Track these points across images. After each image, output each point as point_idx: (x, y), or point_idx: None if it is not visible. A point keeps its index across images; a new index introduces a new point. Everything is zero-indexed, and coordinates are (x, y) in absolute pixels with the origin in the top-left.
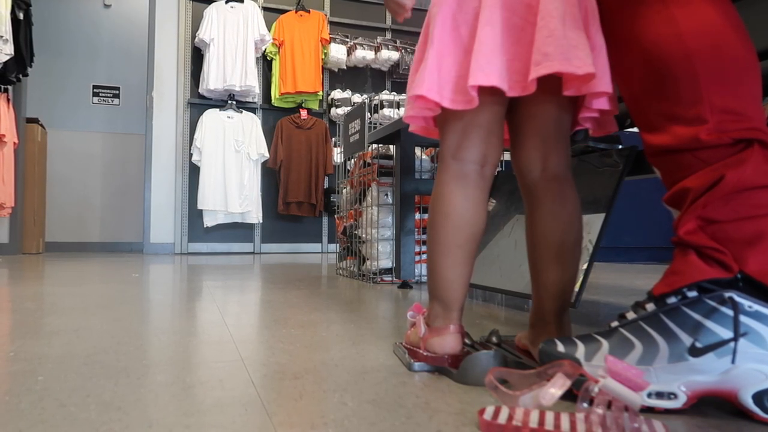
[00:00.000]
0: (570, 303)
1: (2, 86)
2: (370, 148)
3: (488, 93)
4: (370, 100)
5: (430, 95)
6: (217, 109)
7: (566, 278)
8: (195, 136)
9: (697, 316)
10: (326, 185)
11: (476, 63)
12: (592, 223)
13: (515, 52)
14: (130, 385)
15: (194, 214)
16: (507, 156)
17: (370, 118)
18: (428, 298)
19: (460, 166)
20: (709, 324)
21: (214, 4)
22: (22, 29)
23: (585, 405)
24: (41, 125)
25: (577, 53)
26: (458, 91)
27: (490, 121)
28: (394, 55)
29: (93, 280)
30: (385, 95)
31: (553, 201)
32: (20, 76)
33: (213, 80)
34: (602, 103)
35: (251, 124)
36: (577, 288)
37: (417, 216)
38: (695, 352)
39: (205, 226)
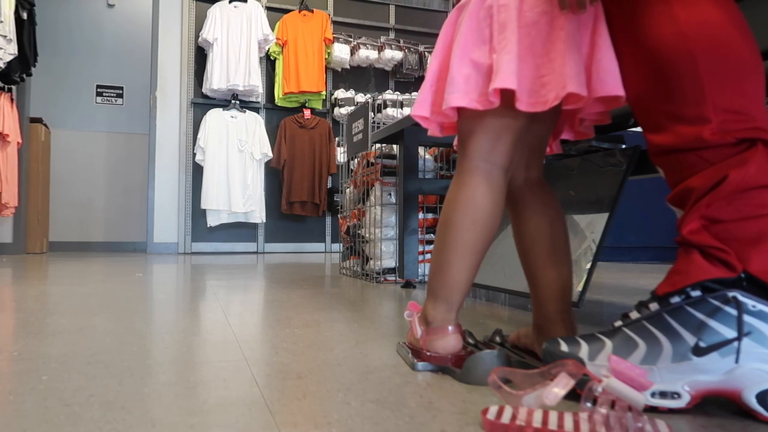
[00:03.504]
0: (572, 300)
1: (6, 86)
2: (373, 147)
3: None
4: (374, 100)
5: (517, 91)
6: (221, 109)
7: (564, 274)
8: (198, 136)
9: (700, 316)
10: (329, 185)
11: (570, 69)
12: (596, 223)
13: None
14: (133, 384)
15: (197, 214)
16: None
17: (373, 118)
18: (426, 296)
19: (491, 170)
20: (713, 323)
21: (217, 3)
22: (25, 29)
23: (588, 404)
24: (45, 125)
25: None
26: (532, 93)
27: (521, 127)
28: (398, 55)
29: (96, 279)
30: (389, 95)
31: (538, 203)
32: (24, 75)
33: (216, 80)
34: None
35: (254, 123)
36: (580, 288)
37: (420, 215)
38: (699, 351)
39: (208, 225)
